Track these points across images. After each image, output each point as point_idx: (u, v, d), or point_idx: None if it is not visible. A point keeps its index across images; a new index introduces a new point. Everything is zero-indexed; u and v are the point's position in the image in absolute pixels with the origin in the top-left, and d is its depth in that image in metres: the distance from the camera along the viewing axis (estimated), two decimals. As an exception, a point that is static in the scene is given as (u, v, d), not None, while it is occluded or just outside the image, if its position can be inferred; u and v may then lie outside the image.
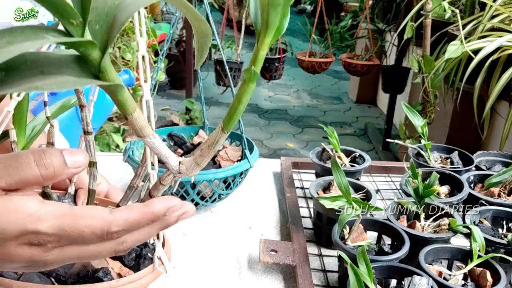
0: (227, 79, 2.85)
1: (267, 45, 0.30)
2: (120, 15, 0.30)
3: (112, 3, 0.31)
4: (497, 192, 0.85)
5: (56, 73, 0.29)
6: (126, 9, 0.30)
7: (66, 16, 0.28)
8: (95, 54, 0.29)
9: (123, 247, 0.33)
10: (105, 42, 0.30)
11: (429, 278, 0.59)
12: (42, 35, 0.27)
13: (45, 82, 0.27)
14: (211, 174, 0.81)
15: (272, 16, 0.29)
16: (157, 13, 4.32)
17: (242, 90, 0.32)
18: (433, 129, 1.97)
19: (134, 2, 0.30)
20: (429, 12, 1.62)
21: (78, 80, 0.29)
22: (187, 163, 0.37)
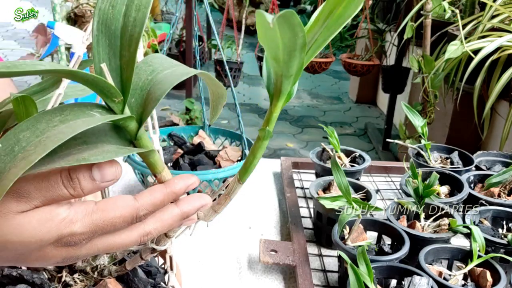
0: (227, 79, 2.85)
1: (280, 108, 0.34)
2: (153, 91, 0.33)
3: (146, 78, 0.34)
4: (497, 192, 0.85)
5: (97, 142, 0.32)
6: (159, 85, 0.33)
7: (109, 96, 0.31)
8: (132, 125, 0.33)
9: (147, 238, 0.35)
10: (140, 114, 0.34)
11: (429, 278, 0.59)
12: (89, 113, 0.31)
13: (91, 153, 0.30)
14: (211, 174, 0.81)
15: (285, 85, 0.32)
16: (157, 13, 4.32)
17: (257, 147, 0.36)
18: (433, 129, 1.98)
19: (166, 78, 0.34)
20: (429, 12, 1.62)
21: (119, 149, 0.32)
22: (205, 210, 0.40)
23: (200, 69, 0.99)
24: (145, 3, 0.33)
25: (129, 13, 0.33)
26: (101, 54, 0.33)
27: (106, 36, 0.33)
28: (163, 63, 0.36)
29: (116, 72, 0.33)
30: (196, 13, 1.06)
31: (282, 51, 0.29)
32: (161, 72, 0.35)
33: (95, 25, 0.33)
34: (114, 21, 0.33)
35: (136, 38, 0.32)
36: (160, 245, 0.44)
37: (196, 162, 0.90)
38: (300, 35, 0.27)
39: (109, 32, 0.33)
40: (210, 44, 3.55)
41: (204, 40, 3.36)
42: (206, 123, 1.04)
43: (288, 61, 0.29)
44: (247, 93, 4.13)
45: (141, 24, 0.33)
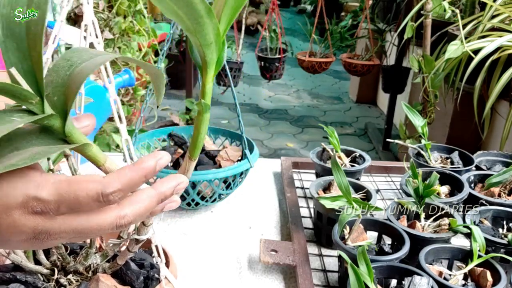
0: (227, 79, 2.85)
1: (212, 78, 0.33)
2: (72, 84, 0.33)
3: (64, 74, 0.34)
4: (497, 192, 0.85)
5: (28, 146, 0.32)
6: (76, 77, 0.33)
7: (24, 98, 0.31)
8: (58, 123, 0.33)
9: (124, 221, 0.34)
10: (65, 111, 0.33)
11: (430, 278, 0.59)
12: (9, 119, 0.31)
13: (20, 158, 0.30)
14: (211, 174, 0.81)
15: (208, 53, 0.32)
16: (157, 13, 4.32)
17: (199, 121, 0.35)
18: (433, 129, 1.97)
19: (82, 70, 0.33)
20: (429, 12, 1.62)
21: (50, 148, 0.32)
22: None
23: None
24: (44, 0, 0.33)
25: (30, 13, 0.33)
26: (11, 58, 0.33)
27: (13, 39, 0.33)
28: (82, 56, 0.35)
29: (30, 74, 0.33)
30: (196, 13, 1.06)
31: (188, 21, 0.28)
32: (80, 65, 0.34)
33: (0, 31, 0.33)
34: (18, 24, 0.33)
35: (39, 36, 0.32)
36: (141, 234, 0.44)
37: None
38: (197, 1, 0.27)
39: (14, 35, 0.33)
40: (210, 44, 3.54)
41: (204, 40, 3.35)
42: (206, 123, 1.03)
43: (200, 30, 0.29)
44: (247, 93, 4.13)
45: (42, 21, 0.32)
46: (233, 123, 3.46)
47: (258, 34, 3.12)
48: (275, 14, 2.84)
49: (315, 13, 2.80)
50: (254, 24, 5.25)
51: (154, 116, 2.25)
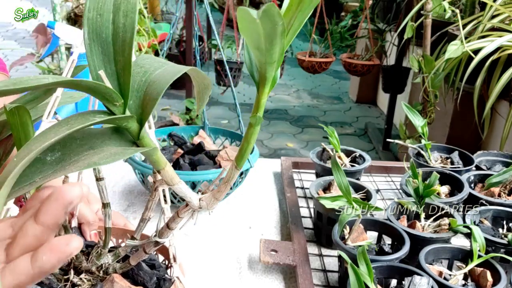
0: (227, 79, 2.85)
1: (267, 94, 0.35)
2: (150, 91, 0.35)
3: (140, 80, 0.36)
4: (497, 192, 0.85)
5: (102, 146, 0.33)
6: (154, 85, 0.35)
7: (111, 100, 0.33)
8: (134, 126, 0.34)
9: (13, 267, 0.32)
10: (140, 115, 0.35)
11: (430, 278, 0.59)
12: (92, 118, 0.32)
13: (99, 157, 0.31)
14: (211, 174, 0.81)
15: (269, 71, 0.33)
16: (157, 13, 4.32)
17: (250, 133, 0.37)
18: (433, 129, 1.97)
19: (159, 78, 0.35)
20: (429, 12, 1.62)
21: (125, 150, 0.33)
22: (206, 199, 0.41)
23: (200, 69, 0.99)
24: (131, 8, 0.34)
25: (117, 20, 0.34)
26: (96, 61, 0.34)
27: (98, 43, 0.34)
28: (153, 64, 0.37)
29: (113, 77, 0.34)
30: (196, 13, 1.06)
31: (264, 41, 0.29)
32: (154, 72, 0.36)
33: (86, 35, 0.34)
34: (104, 28, 0.34)
35: (129, 43, 0.33)
36: (163, 237, 0.45)
37: (196, 162, 0.90)
38: (280, 23, 0.28)
39: (101, 39, 0.34)
40: (210, 44, 3.55)
41: (204, 40, 3.36)
42: (206, 123, 1.04)
43: (270, 49, 0.30)
44: (247, 93, 4.13)
45: (132, 29, 0.34)
46: (233, 123, 3.46)
47: (258, 34, 3.11)
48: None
49: (315, 13, 2.80)
50: (254, 24, 5.24)
51: (154, 116, 2.25)
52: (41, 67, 2.18)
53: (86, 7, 0.34)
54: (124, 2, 0.34)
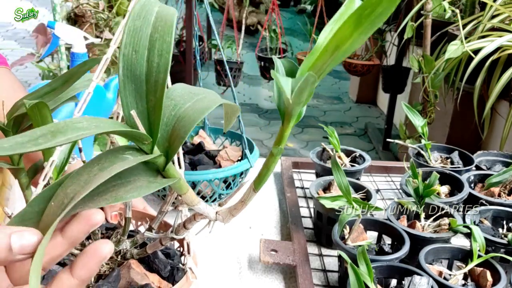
0: (227, 79, 2.85)
1: (291, 128, 0.36)
2: (178, 128, 0.36)
3: (169, 114, 0.36)
4: (497, 192, 0.85)
5: (129, 176, 0.34)
6: (182, 122, 0.36)
7: (140, 140, 0.34)
8: (161, 160, 0.36)
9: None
10: (167, 148, 0.36)
11: (429, 278, 0.59)
12: (122, 156, 0.34)
13: (126, 190, 0.33)
14: (212, 174, 0.81)
15: (296, 110, 0.35)
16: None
17: (271, 161, 0.39)
18: (433, 129, 1.97)
19: (188, 114, 0.36)
20: (429, 12, 1.62)
21: (150, 184, 0.34)
22: (223, 214, 0.43)
23: (200, 68, 0.99)
24: (166, 48, 0.34)
25: (152, 58, 0.35)
26: (128, 97, 0.35)
27: (132, 80, 0.35)
28: (184, 95, 0.38)
29: (143, 115, 0.35)
30: (196, 13, 1.06)
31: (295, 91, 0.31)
32: (183, 106, 0.37)
33: (121, 71, 0.35)
34: (138, 66, 0.35)
35: (161, 84, 0.34)
36: (179, 235, 0.47)
37: (196, 161, 0.90)
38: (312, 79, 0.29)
39: (134, 77, 0.35)
40: (210, 44, 3.55)
41: (204, 40, 3.36)
42: (206, 123, 1.04)
43: (300, 94, 0.31)
44: (247, 93, 4.13)
45: (165, 70, 0.34)
46: (233, 123, 3.45)
47: (258, 34, 3.12)
48: (275, 14, 2.84)
49: (315, 13, 2.80)
50: (254, 24, 5.25)
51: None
52: (41, 67, 2.18)
53: (123, 43, 0.35)
54: (159, 39, 0.35)
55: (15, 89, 0.68)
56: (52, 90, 0.48)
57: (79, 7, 2.08)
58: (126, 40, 0.35)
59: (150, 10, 0.36)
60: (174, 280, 0.53)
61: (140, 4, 0.36)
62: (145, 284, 0.50)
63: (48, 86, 0.49)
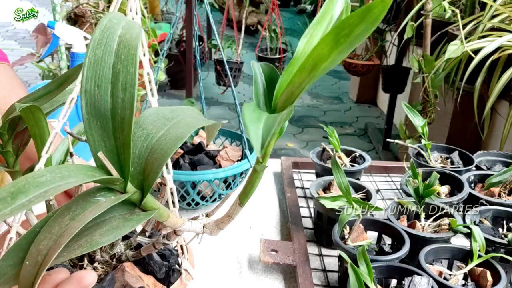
0: (227, 79, 2.85)
1: (273, 143, 0.37)
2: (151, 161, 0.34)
3: (141, 145, 0.35)
4: (498, 192, 0.85)
5: (104, 215, 0.33)
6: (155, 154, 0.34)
7: (112, 182, 0.33)
8: (136, 195, 0.34)
9: None
10: (141, 181, 0.35)
11: (429, 278, 0.59)
12: (94, 200, 0.32)
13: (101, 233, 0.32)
14: (211, 174, 0.81)
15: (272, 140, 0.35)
16: (157, 13, 4.32)
17: (254, 177, 0.39)
18: (433, 129, 1.97)
19: (161, 146, 0.34)
20: (429, 12, 1.62)
21: (127, 222, 0.33)
22: (210, 227, 0.43)
23: (200, 68, 0.99)
24: (131, 81, 0.32)
25: (116, 93, 0.32)
26: (95, 136, 0.33)
27: (97, 118, 0.32)
28: (156, 122, 0.35)
29: (113, 153, 0.33)
30: (196, 13, 1.06)
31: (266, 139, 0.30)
32: (156, 136, 0.35)
33: (84, 108, 0.32)
34: (103, 102, 0.32)
35: (128, 121, 0.32)
36: (170, 240, 0.46)
37: (196, 162, 0.90)
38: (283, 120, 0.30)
39: (99, 114, 0.32)
40: (210, 44, 3.55)
41: (204, 40, 3.36)
42: (206, 123, 1.03)
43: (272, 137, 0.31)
44: (247, 93, 4.13)
45: (131, 106, 0.32)
46: (233, 123, 3.45)
47: (258, 34, 3.12)
48: (275, 14, 2.84)
49: (315, 13, 2.80)
50: (254, 24, 5.24)
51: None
52: (41, 67, 2.18)
53: (84, 77, 0.32)
54: (123, 71, 0.32)
55: (14, 86, 0.68)
56: (47, 93, 0.48)
57: (79, 7, 2.08)
58: (87, 73, 0.32)
59: (111, 35, 0.33)
60: (170, 282, 0.52)
61: (101, 29, 0.32)
62: (139, 287, 0.50)
63: (43, 89, 0.48)
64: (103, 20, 0.33)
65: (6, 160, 0.51)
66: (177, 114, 0.37)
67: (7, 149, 0.50)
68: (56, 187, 0.28)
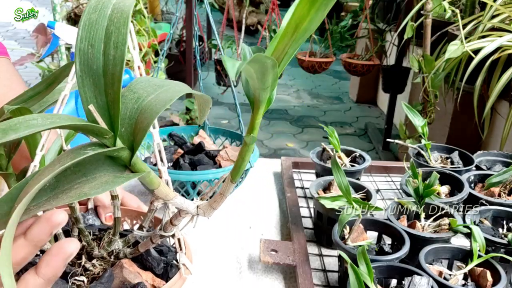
0: (227, 79, 2.85)
1: (261, 115, 0.36)
2: (140, 120, 0.35)
3: (132, 107, 0.36)
4: (498, 192, 0.85)
5: (95, 172, 0.34)
6: (145, 114, 0.35)
7: (101, 134, 0.34)
8: (126, 154, 0.35)
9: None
10: (131, 142, 0.36)
11: (429, 278, 0.59)
12: (84, 152, 0.33)
13: (90, 186, 0.33)
14: (211, 174, 0.81)
15: (263, 95, 0.34)
16: (157, 13, 4.32)
17: (245, 150, 0.38)
18: (433, 129, 1.97)
19: (150, 106, 0.35)
20: (429, 12, 1.62)
21: (116, 178, 0.34)
22: (203, 207, 0.42)
23: (200, 68, 0.99)
24: (122, 40, 0.34)
25: (108, 51, 0.34)
26: (87, 93, 0.34)
27: (90, 75, 0.34)
28: (147, 88, 0.37)
29: (104, 109, 0.35)
30: (196, 13, 1.06)
31: (255, 74, 0.31)
32: (146, 99, 0.36)
33: (78, 66, 0.34)
34: (95, 60, 0.34)
35: (118, 77, 0.34)
36: (167, 231, 0.47)
37: (196, 162, 0.90)
38: (269, 62, 0.29)
39: (92, 71, 0.34)
40: (210, 44, 3.55)
41: (204, 40, 3.36)
42: (206, 123, 1.04)
43: (262, 78, 0.31)
44: (247, 93, 4.13)
45: (121, 63, 0.34)
46: (233, 123, 3.46)
47: (258, 34, 3.12)
48: (275, 14, 2.84)
49: (315, 13, 2.80)
50: (254, 24, 5.25)
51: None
52: (41, 67, 2.18)
53: (78, 37, 0.34)
54: (115, 32, 0.34)
55: (13, 80, 0.68)
56: (36, 94, 0.48)
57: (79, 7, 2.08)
58: (82, 34, 0.34)
59: (106, 2, 0.35)
60: (168, 277, 0.53)
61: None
62: (137, 282, 0.50)
63: (31, 90, 0.48)
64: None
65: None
66: (168, 83, 0.39)
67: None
68: (45, 127, 0.30)
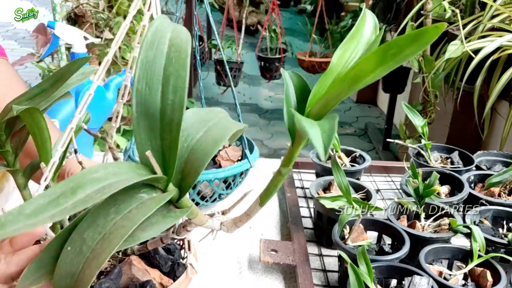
0: (227, 79, 2.85)
1: (300, 149, 0.38)
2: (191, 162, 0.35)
3: (182, 146, 0.35)
4: (498, 192, 0.85)
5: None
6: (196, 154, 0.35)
7: (156, 182, 0.34)
8: (175, 194, 0.35)
9: None
10: (179, 180, 0.36)
11: (429, 278, 0.59)
12: (138, 196, 0.33)
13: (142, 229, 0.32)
14: (212, 174, 0.81)
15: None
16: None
17: (278, 180, 0.40)
18: (433, 129, 1.97)
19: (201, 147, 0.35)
20: (429, 12, 1.62)
21: (166, 220, 0.34)
22: (228, 225, 0.45)
23: (200, 68, 0.99)
24: (181, 84, 0.33)
25: (166, 95, 0.33)
26: (142, 135, 0.34)
27: (146, 118, 0.33)
28: (195, 124, 0.37)
29: (158, 152, 0.34)
30: (196, 13, 1.06)
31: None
32: (196, 136, 0.36)
33: (134, 107, 0.33)
34: (152, 103, 0.33)
35: (177, 123, 0.33)
36: (180, 236, 0.47)
37: (196, 162, 0.90)
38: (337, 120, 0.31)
39: (148, 114, 0.33)
40: (210, 44, 3.55)
41: (204, 40, 3.36)
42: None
43: None
44: (247, 93, 4.13)
45: (181, 109, 0.33)
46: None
47: (258, 34, 3.12)
48: (275, 14, 2.84)
49: (315, 13, 2.80)
50: (254, 24, 5.24)
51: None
52: (41, 67, 2.18)
53: (136, 77, 0.33)
54: (174, 74, 0.33)
55: (13, 81, 0.68)
56: (42, 91, 0.48)
57: (79, 7, 2.08)
58: (139, 74, 0.33)
59: (163, 37, 0.34)
60: (175, 276, 0.53)
61: (152, 32, 0.34)
62: (146, 280, 0.50)
63: (38, 88, 0.48)
64: (154, 22, 0.34)
65: (5, 159, 0.51)
66: (213, 115, 0.38)
67: (6, 148, 0.50)
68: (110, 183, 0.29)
